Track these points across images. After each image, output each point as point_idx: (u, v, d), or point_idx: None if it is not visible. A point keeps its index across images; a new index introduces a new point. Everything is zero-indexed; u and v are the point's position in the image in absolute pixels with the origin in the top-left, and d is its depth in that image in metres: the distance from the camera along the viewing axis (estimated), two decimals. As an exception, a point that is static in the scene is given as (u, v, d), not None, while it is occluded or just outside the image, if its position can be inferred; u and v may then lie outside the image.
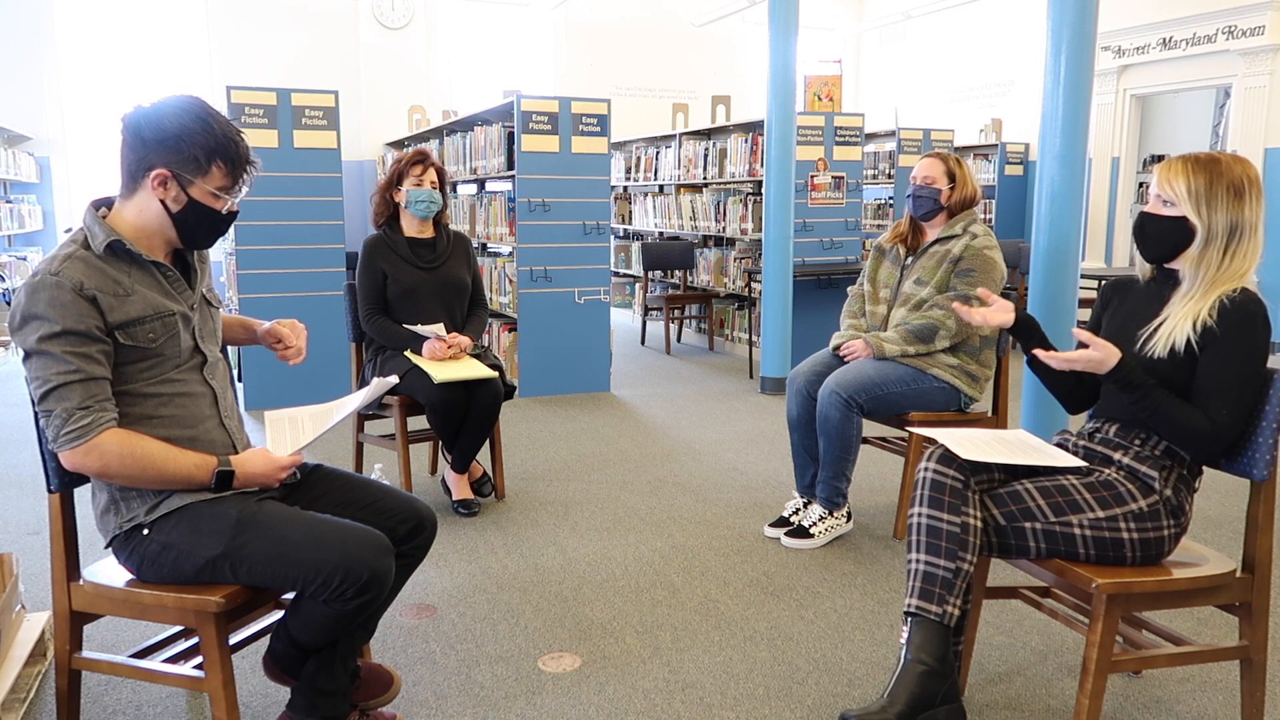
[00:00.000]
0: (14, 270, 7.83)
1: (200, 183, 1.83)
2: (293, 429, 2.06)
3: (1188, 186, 1.97)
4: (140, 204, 1.85)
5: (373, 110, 9.64)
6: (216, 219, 1.89)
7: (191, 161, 1.81)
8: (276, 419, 2.10)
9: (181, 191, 1.83)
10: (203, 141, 1.81)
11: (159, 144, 1.80)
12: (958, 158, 3.41)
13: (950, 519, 1.98)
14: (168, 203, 1.84)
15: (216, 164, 1.83)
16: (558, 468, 4.28)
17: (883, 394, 3.21)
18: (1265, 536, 1.99)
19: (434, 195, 3.62)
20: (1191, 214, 1.97)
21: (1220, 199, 1.96)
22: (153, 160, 1.81)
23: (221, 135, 1.83)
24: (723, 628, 2.68)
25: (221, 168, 1.84)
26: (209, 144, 1.81)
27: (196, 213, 1.86)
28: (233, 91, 5.21)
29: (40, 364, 1.74)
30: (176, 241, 1.90)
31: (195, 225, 1.87)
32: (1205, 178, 1.97)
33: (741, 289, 7.18)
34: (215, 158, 1.83)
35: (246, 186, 1.92)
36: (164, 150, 1.80)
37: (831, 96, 7.57)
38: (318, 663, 1.97)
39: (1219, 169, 1.97)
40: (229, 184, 1.87)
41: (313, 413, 2.13)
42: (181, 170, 1.82)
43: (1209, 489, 3.88)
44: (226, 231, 1.97)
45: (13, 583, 2.37)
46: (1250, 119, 7.74)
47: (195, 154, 1.81)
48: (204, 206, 1.86)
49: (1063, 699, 2.30)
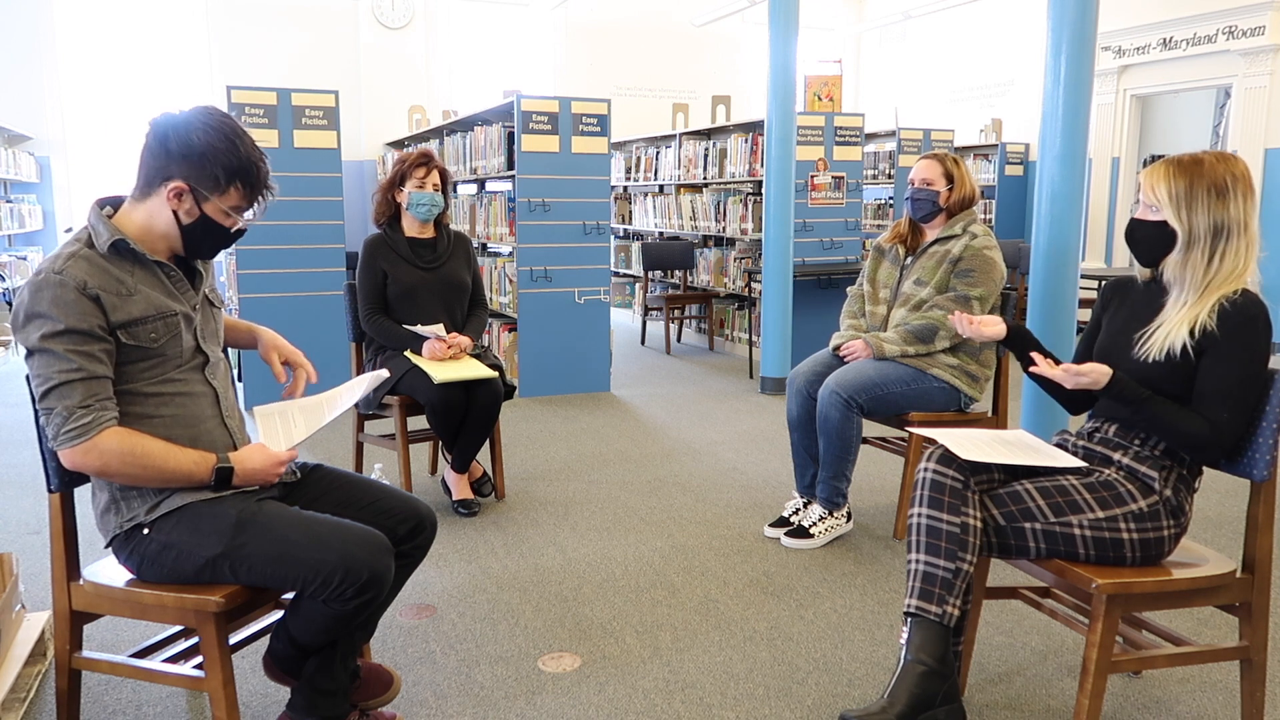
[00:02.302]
0: (14, 270, 7.83)
1: (216, 200, 1.84)
2: (284, 423, 2.05)
3: (1169, 191, 1.97)
4: (152, 209, 1.85)
5: (373, 110, 9.64)
6: (224, 235, 1.90)
7: (211, 179, 1.82)
8: (266, 413, 2.10)
9: (195, 206, 1.84)
10: (226, 161, 1.81)
11: (183, 157, 1.80)
12: (955, 157, 3.40)
13: (950, 519, 1.98)
14: (180, 215, 1.84)
15: (236, 185, 1.84)
16: (558, 468, 4.28)
17: (883, 394, 3.21)
18: (1265, 536, 1.99)
19: (436, 198, 3.62)
20: (1172, 218, 1.97)
21: (1201, 201, 1.95)
22: (173, 171, 1.81)
23: (245, 158, 1.83)
24: (723, 628, 2.68)
25: (240, 189, 1.85)
26: (232, 165, 1.82)
27: (206, 228, 1.87)
28: (233, 91, 5.21)
29: (42, 362, 1.74)
30: (180, 249, 1.91)
31: (202, 239, 1.89)
32: (1186, 181, 1.96)
33: (741, 289, 7.18)
34: (236, 179, 1.83)
35: (262, 209, 1.93)
36: (186, 164, 1.81)
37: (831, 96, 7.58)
38: (318, 663, 1.97)
39: (1200, 170, 1.96)
40: (244, 205, 1.88)
41: (303, 405, 2.12)
42: (200, 186, 1.82)
43: (1209, 489, 3.88)
44: (230, 246, 1.98)
45: (13, 583, 2.37)
46: (1250, 119, 7.74)
47: (217, 173, 1.81)
48: (215, 223, 1.87)
49: (1063, 699, 2.30)
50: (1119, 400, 2.00)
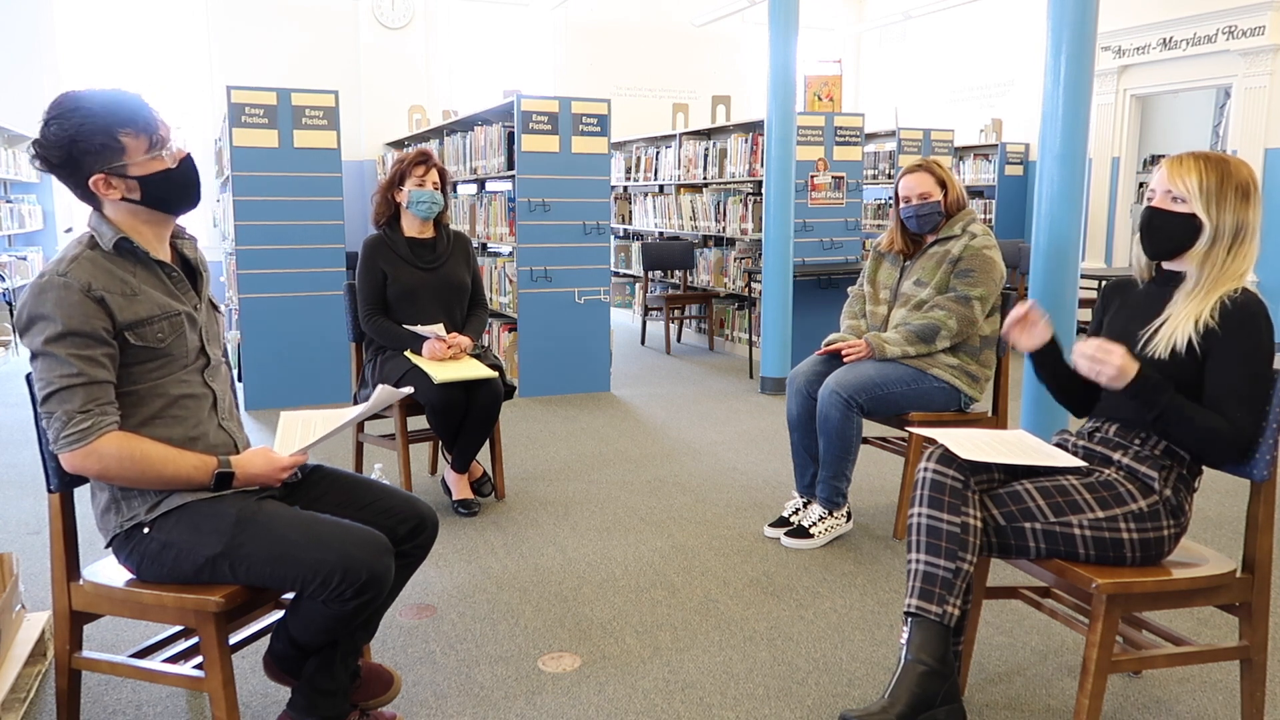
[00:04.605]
0: (14, 270, 7.83)
1: (129, 160, 1.79)
2: (304, 429, 2.06)
3: (1200, 183, 1.97)
4: (112, 211, 1.84)
5: (373, 110, 9.64)
6: (174, 176, 1.84)
7: (104, 150, 1.76)
8: (290, 419, 2.11)
9: (125, 180, 1.80)
10: (93, 128, 1.75)
11: (69, 160, 1.76)
12: (937, 161, 3.43)
13: (950, 519, 1.98)
14: (126, 196, 1.81)
15: (123, 134, 1.77)
16: (558, 468, 4.28)
17: (883, 394, 3.21)
18: (1265, 536, 1.99)
19: (436, 196, 3.62)
20: (1201, 211, 1.96)
21: (1229, 199, 1.95)
22: (83, 172, 1.77)
23: (103, 110, 1.76)
24: (723, 628, 2.68)
25: (129, 134, 1.78)
26: (100, 125, 1.75)
27: (155, 185, 1.82)
28: (233, 91, 5.21)
29: (45, 365, 1.74)
30: (166, 221, 1.89)
31: (163, 196, 1.84)
32: (1217, 176, 1.96)
33: (741, 289, 7.18)
34: (115, 131, 1.77)
35: (173, 130, 1.85)
36: (76, 161, 1.76)
37: (831, 96, 7.58)
38: (318, 662, 1.97)
39: (1229, 169, 1.97)
40: (149, 142, 1.80)
41: (325, 417, 2.13)
42: (107, 163, 1.77)
43: (1209, 489, 3.88)
44: (198, 181, 1.90)
45: (13, 583, 2.37)
46: (1250, 119, 7.74)
47: (100, 142, 1.76)
48: (155, 176, 1.81)
49: (1063, 699, 2.30)
50: (1143, 399, 1.96)
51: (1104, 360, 1.94)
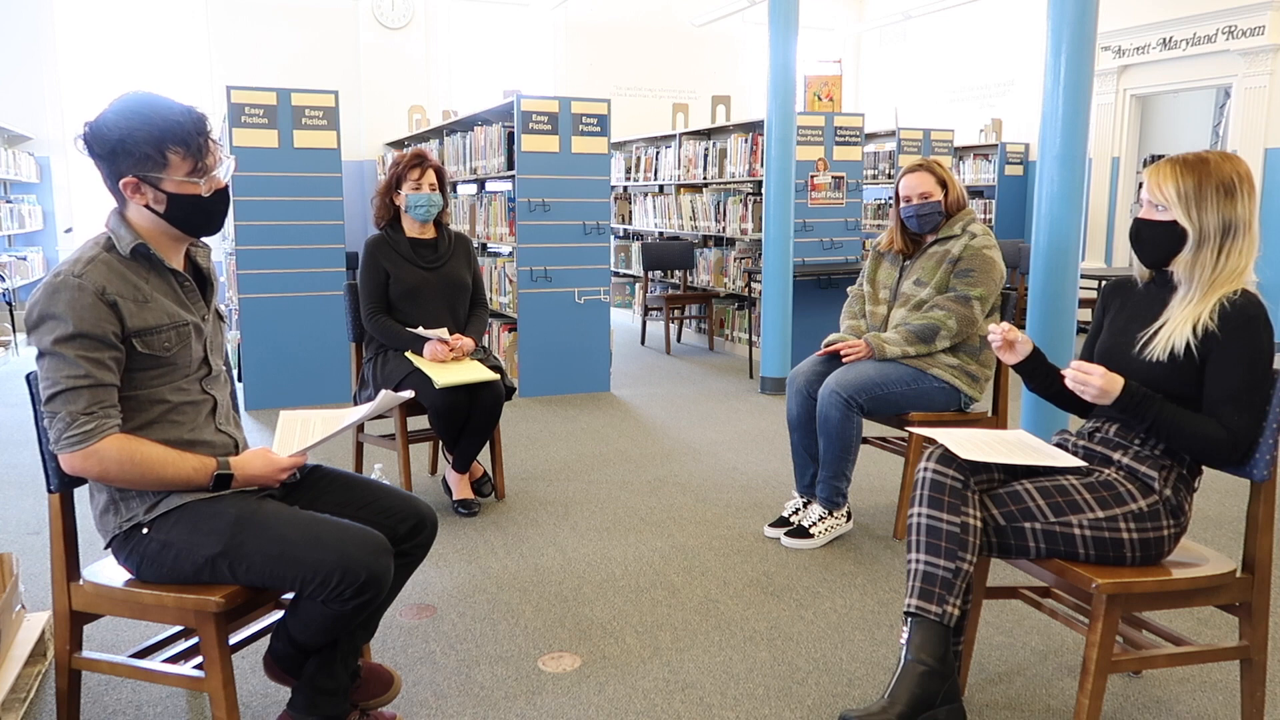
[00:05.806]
0: (14, 270, 7.83)
1: (166, 175, 1.79)
2: (303, 429, 2.06)
3: (1177, 190, 1.96)
4: (134, 213, 1.84)
5: (373, 110, 9.64)
6: (203, 204, 1.84)
7: (146, 159, 1.77)
8: (290, 419, 2.11)
9: (156, 191, 1.80)
10: (145, 136, 1.75)
11: (110, 154, 1.77)
12: (935, 160, 3.43)
13: (950, 519, 1.98)
14: (151, 205, 1.81)
15: (171, 151, 1.78)
16: (558, 468, 4.28)
17: (883, 394, 3.21)
18: (1265, 536, 1.99)
19: (433, 198, 3.62)
20: (1182, 217, 1.96)
21: (1210, 199, 1.94)
22: (119, 170, 1.78)
23: (163, 122, 1.76)
24: (723, 628, 2.68)
25: (178, 153, 1.78)
26: (153, 135, 1.75)
27: (181, 205, 1.82)
28: (233, 91, 5.21)
29: (51, 365, 1.74)
30: (183, 238, 1.89)
31: (186, 217, 1.84)
32: (1194, 179, 1.95)
33: (741, 289, 7.18)
34: (165, 146, 1.77)
35: (221, 161, 1.86)
36: (117, 158, 1.77)
37: (831, 96, 7.57)
38: (318, 662, 1.97)
39: (1207, 169, 1.95)
40: (193, 166, 1.81)
41: (325, 417, 2.13)
42: (144, 171, 1.78)
43: (1209, 489, 3.88)
44: (225, 211, 1.91)
45: (13, 583, 2.37)
46: (1250, 119, 7.74)
47: (145, 151, 1.76)
48: (185, 197, 1.82)
49: (1063, 699, 2.30)
50: (1131, 413, 1.97)
51: (1084, 382, 1.97)
